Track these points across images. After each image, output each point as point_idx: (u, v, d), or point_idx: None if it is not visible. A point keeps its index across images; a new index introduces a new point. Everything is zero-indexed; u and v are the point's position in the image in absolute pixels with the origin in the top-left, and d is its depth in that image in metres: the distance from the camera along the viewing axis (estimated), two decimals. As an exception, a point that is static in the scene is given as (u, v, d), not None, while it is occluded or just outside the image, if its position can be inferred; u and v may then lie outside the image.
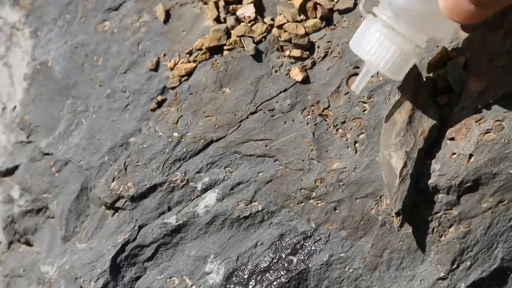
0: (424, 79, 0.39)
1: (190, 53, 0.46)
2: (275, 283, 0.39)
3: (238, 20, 0.46)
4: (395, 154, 0.38)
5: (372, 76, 0.38)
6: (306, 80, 0.43)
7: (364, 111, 0.41)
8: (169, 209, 0.43)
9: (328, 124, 0.42)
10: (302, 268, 0.39)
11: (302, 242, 0.40)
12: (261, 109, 0.43)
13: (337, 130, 0.41)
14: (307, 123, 0.42)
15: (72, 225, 0.47)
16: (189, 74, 0.46)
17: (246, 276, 0.40)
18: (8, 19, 0.54)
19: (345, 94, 0.42)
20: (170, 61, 0.46)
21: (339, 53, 0.42)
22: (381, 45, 0.35)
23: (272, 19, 0.45)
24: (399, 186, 0.37)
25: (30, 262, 0.49)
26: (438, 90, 0.40)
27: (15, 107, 0.52)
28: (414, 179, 0.38)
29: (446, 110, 0.39)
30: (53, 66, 0.50)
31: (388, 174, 0.38)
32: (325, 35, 0.43)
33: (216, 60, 0.45)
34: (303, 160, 0.41)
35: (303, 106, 0.42)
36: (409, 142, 0.38)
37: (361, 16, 0.36)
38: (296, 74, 0.43)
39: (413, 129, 0.38)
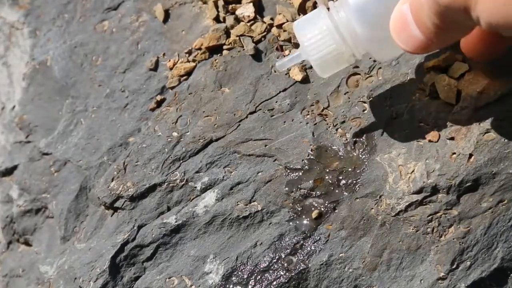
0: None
1: (189, 52, 0.46)
2: (274, 283, 0.39)
3: (238, 20, 0.46)
4: None
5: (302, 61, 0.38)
6: (305, 80, 0.43)
7: (363, 110, 0.41)
8: (169, 209, 0.43)
9: (327, 124, 0.42)
10: (301, 268, 0.39)
11: (301, 242, 0.40)
12: (260, 109, 0.43)
13: (336, 129, 0.41)
14: (307, 123, 0.42)
15: (71, 225, 0.47)
16: (189, 73, 0.46)
17: (245, 276, 0.40)
18: (7, 19, 0.54)
19: (344, 94, 0.42)
20: (170, 60, 0.46)
21: (338, 53, 0.42)
22: (322, 39, 0.35)
23: (272, 19, 0.45)
24: None
25: (29, 262, 0.49)
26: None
27: (14, 106, 0.52)
28: None
29: (447, 110, 0.39)
30: (52, 66, 0.50)
31: None
32: (324, 34, 0.43)
33: (215, 60, 0.45)
34: (303, 160, 0.41)
35: (302, 106, 0.42)
36: None
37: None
38: (296, 73, 0.43)
39: None
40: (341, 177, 0.40)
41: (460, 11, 0.27)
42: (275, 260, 0.40)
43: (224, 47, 0.45)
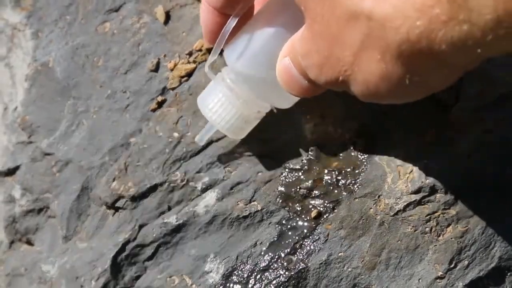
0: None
1: (190, 54, 0.46)
2: (274, 282, 0.39)
3: (238, 21, 0.46)
4: None
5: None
6: (305, 81, 0.43)
7: (364, 111, 0.41)
8: (169, 208, 0.44)
9: (327, 124, 0.42)
10: (301, 267, 0.39)
11: (301, 241, 0.40)
12: (260, 110, 0.43)
13: (336, 130, 0.41)
14: (307, 123, 0.42)
15: (73, 225, 0.47)
16: (189, 74, 0.46)
17: (245, 275, 0.40)
18: (9, 21, 0.54)
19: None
20: (170, 62, 0.46)
21: (338, 54, 0.43)
22: (222, 106, 0.37)
23: (272, 20, 0.45)
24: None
25: (31, 261, 0.49)
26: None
27: (16, 107, 0.52)
28: None
29: (446, 110, 0.39)
30: (54, 67, 0.50)
31: None
32: (324, 35, 0.44)
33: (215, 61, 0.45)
34: (302, 160, 0.41)
35: (302, 106, 0.42)
36: None
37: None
38: (295, 74, 0.43)
39: None
40: (340, 177, 0.40)
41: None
42: (274, 259, 0.40)
43: (224, 48, 0.45)
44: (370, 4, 0.24)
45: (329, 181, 0.40)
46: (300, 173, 0.41)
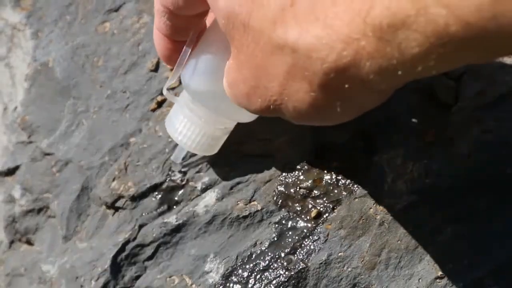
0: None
1: (190, 53, 0.46)
2: (274, 282, 0.39)
3: (238, 21, 0.46)
4: None
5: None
6: (305, 81, 0.43)
7: (362, 111, 0.41)
8: (169, 208, 0.44)
9: (327, 124, 0.42)
10: (301, 267, 0.39)
11: (301, 241, 0.40)
12: (260, 109, 0.43)
13: (336, 130, 0.41)
14: (306, 123, 0.42)
15: (73, 225, 0.47)
16: (189, 74, 0.46)
17: (245, 275, 0.40)
18: (9, 20, 0.54)
19: (343, 94, 0.42)
20: (170, 61, 0.46)
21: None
22: (185, 127, 0.38)
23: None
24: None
25: (31, 261, 0.49)
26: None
27: (16, 107, 0.52)
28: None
29: (446, 110, 0.39)
30: (54, 67, 0.50)
31: None
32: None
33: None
34: (302, 160, 0.41)
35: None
36: None
37: None
38: (295, 74, 0.43)
39: None
40: (340, 177, 0.40)
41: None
42: (274, 259, 0.40)
43: (224, 48, 0.45)
44: (294, 36, 0.24)
45: (329, 181, 0.40)
46: (300, 173, 0.41)
